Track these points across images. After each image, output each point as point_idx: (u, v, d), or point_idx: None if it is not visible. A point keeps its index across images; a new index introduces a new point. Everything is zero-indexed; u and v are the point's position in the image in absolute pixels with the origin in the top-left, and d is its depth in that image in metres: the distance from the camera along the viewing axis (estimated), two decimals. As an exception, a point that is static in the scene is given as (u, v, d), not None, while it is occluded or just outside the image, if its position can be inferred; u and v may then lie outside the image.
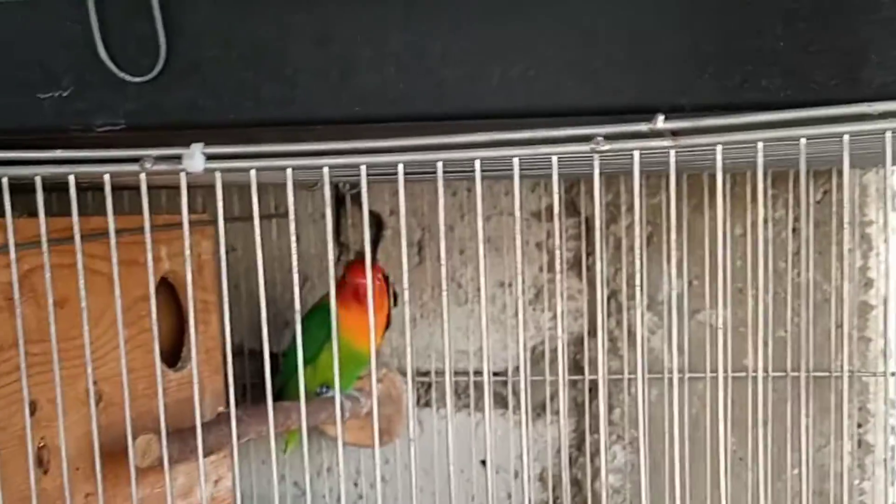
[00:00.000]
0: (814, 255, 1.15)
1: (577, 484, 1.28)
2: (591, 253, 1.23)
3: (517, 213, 0.54)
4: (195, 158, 0.53)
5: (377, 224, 1.29)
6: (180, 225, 0.58)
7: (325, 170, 0.53)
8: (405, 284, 0.58)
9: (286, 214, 0.56)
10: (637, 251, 0.55)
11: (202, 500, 0.58)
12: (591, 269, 1.22)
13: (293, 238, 0.57)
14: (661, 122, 0.50)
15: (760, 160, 0.51)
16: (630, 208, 1.20)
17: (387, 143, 0.52)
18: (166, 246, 1.01)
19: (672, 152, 0.52)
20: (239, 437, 0.93)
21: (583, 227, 1.23)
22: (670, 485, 1.17)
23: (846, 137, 0.50)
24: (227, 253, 1.26)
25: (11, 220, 0.60)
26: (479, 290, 1.26)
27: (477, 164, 0.53)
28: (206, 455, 0.92)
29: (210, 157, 0.54)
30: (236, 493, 0.82)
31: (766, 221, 1.13)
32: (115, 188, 0.57)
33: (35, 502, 0.60)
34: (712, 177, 1.17)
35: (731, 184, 1.19)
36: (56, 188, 0.60)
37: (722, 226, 0.53)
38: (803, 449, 0.59)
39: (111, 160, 0.54)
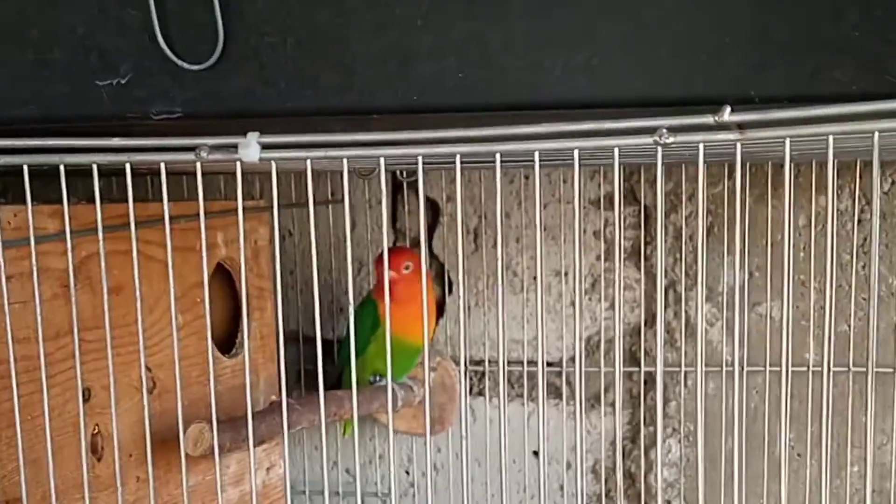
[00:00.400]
0: (880, 248, 1.12)
1: (630, 477, 1.27)
2: (649, 242, 1.21)
3: (577, 205, 0.52)
4: (251, 148, 0.53)
5: (433, 211, 1.28)
6: (237, 211, 0.57)
7: (382, 160, 0.53)
8: (460, 275, 0.57)
9: (342, 200, 0.56)
10: (700, 243, 0.54)
11: (252, 489, 0.58)
12: (649, 258, 1.21)
13: (348, 228, 0.56)
14: (727, 115, 0.49)
15: (831, 154, 0.49)
16: (690, 197, 1.18)
17: (444, 133, 0.51)
18: (223, 232, 1.01)
19: (738, 146, 0.50)
20: (291, 426, 0.93)
21: (642, 215, 1.21)
22: (726, 479, 1.16)
23: (922, 131, 0.48)
24: (282, 239, 1.26)
25: (68, 207, 0.60)
26: (534, 278, 1.25)
27: (536, 155, 0.51)
28: (258, 444, 0.93)
29: (266, 147, 0.53)
30: (286, 481, 0.81)
31: (832, 221, 1.11)
32: (174, 173, 0.57)
33: (87, 488, 0.60)
34: (776, 167, 1.14)
35: (795, 174, 1.16)
36: (116, 172, 0.60)
37: (789, 218, 0.52)
38: (868, 446, 0.58)
39: (167, 149, 0.54)
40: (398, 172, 1.24)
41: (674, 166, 1.20)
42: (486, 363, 1.28)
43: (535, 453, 1.28)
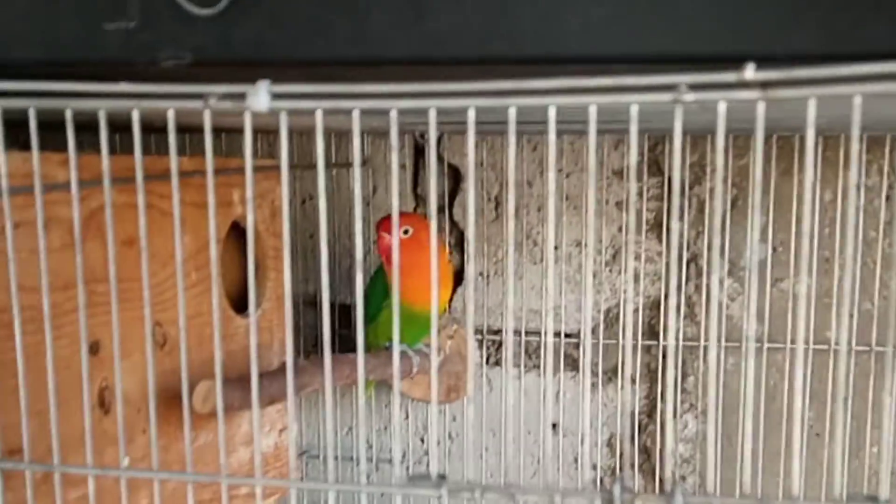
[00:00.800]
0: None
1: (645, 451, 1.25)
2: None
3: (591, 166, 0.51)
4: (260, 96, 0.51)
5: (455, 178, 1.27)
6: (256, 169, 0.56)
7: (393, 112, 0.51)
8: (471, 237, 0.56)
9: (366, 163, 0.54)
10: (718, 212, 0.52)
11: (257, 448, 0.57)
12: (671, 231, 1.19)
13: (357, 186, 0.55)
14: (750, 72, 0.47)
15: (857, 116, 0.47)
16: (715, 170, 1.16)
17: (455, 86, 0.49)
18: (240, 190, 1.00)
19: (760, 105, 0.48)
20: (302, 388, 0.93)
21: (665, 187, 1.19)
22: (742, 457, 1.15)
23: (955, 95, 0.46)
24: (304, 201, 1.25)
25: (77, 156, 0.59)
26: (553, 247, 1.23)
27: (551, 111, 0.50)
28: (269, 404, 0.92)
29: (276, 96, 0.52)
30: (292, 443, 0.81)
31: (857, 187, 1.09)
32: (197, 129, 0.55)
33: (90, 442, 0.59)
34: (803, 139, 1.12)
35: (823, 147, 1.14)
36: (149, 128, 0.59)
37: (811, 187, 0.50)
38: (885, 426, 0.56)
39: (174, 95, 0.53)
40: (417, 135, 1.23)
41: (699, 138, 1.18)
42: (504, 332, 1.27)
43: (554, 426, 1.27)
